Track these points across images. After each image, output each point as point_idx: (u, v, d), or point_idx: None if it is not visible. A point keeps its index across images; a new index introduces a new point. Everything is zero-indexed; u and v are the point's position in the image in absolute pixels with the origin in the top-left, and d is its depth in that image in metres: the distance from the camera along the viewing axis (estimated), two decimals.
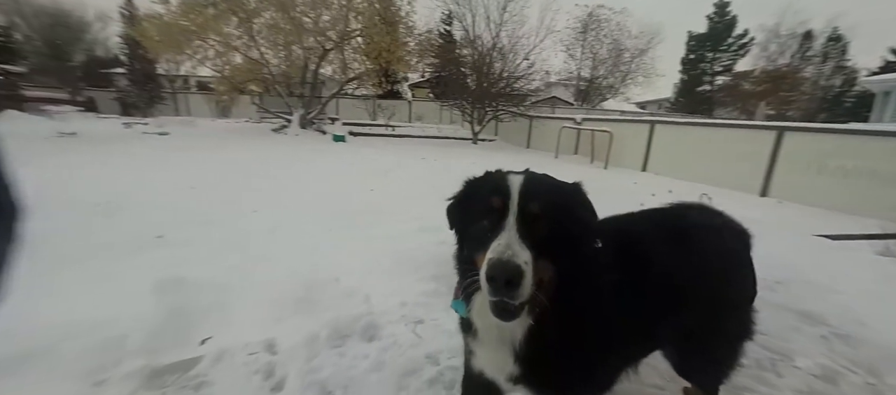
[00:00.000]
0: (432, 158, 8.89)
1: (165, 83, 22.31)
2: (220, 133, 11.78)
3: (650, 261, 1.04)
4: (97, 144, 8.41)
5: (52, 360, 1.45)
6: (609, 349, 0.98)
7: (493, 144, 14.11)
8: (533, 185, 0.84)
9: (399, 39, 13.13)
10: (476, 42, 14.36)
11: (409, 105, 22.08)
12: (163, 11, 10.74)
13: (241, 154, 7.86)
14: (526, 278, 0.70)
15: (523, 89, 14.24)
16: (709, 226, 1.25)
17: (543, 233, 0.78)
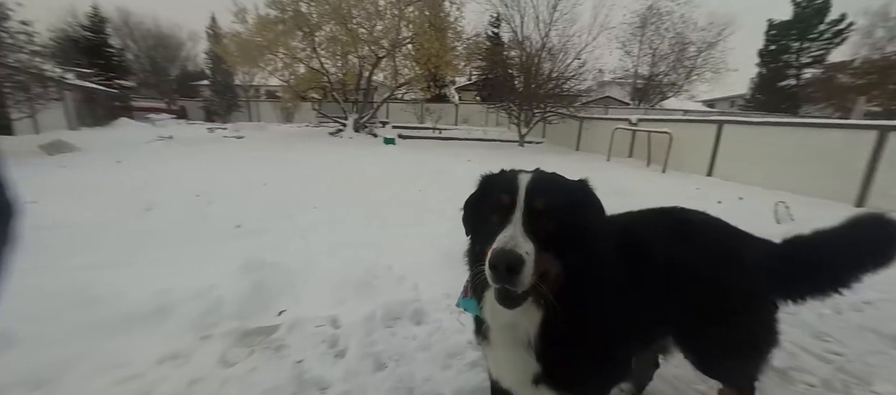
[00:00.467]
0: (477, 161, 9.00)
1: (241, 92, 25.07)
2: (285, 137, 13.00)
3: (655, 255, 1.07)
4: (189, 147, 9.78)
5: (174, 317, 1.83)
6: (620, 343, 1.01)
7: (539, 147, 13.84)
8: (540, 182, 0.89)
9: (447, 45, 13.48)
10: (524, 43, 14.22)
11: (455, 108, 22.42)
12: (241, 30, 12.19)
13: (304, 155, 8.63)
14: (526, 266, 0.74)
15: (573, 90, 13.80)
16: (709, 224, 1.24)
17: (548, 228, 0.82)
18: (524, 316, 0.89)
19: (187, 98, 27.31)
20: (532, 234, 0.79)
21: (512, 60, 15.36)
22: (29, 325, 1.67)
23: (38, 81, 10.10)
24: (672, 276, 1.06)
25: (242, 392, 1.42)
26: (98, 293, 1.96)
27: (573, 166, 8.63)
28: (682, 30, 21.22)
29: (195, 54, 30.78)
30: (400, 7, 12.48)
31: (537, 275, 0.79)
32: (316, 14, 12.36)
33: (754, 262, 1.14)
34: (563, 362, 0.93)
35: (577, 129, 13.36)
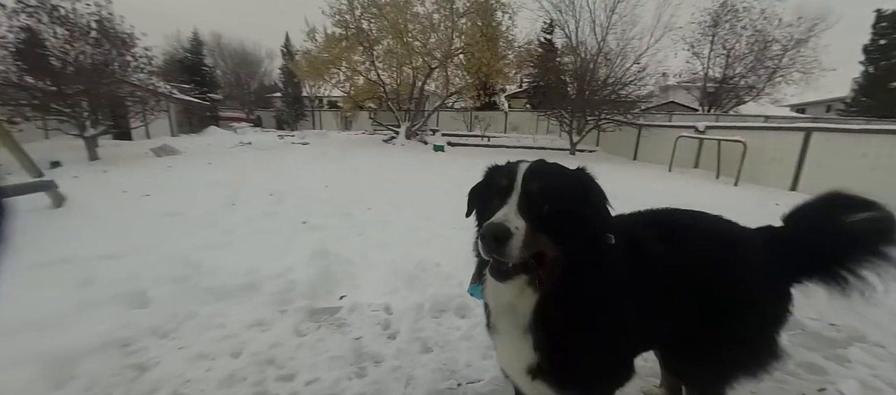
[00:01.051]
0: None
1: (307, 103, 27.51)
2: (343, 143, 14.04)
3: (659, 256, 1.05)
4: (264, 151, 11.03)
5: (259, 292, 2.19)
6: (621, 339, 1.00)
7: (593, 156, 13.29)
8: (537, 168, 0.93)
9: (498, 53, 13.61)
10: (579, 49, 13.84)
11: (505, 116, 22.35)
12: (311, 47, 13.50)
13: (360, 161, 9.28)
14: (514, 238, 0.79)
15: (631, 96, 13.08)
16: (714, 230, 1.20)
17: (543, 210, 0.85)
18: (522, 298, 0.92)
19: (262, 109, 30.65)
20: (527, 213, 0.84)
21: (565, 67, 15.00)
22: (157, 288, 2.12)
23: (152, 97, 12.13)
24: (673, 277, 1.05)
25: (312, 357, 1.67)
26: (204, 269, 2.40)
27: (629, 176, 8.20)
28: (762, 27, 18.96)
29: (271, 70, 34.48)
30: (453, 19, 12.91)
31: (532, 254, 0.83)
32: (375, 30, 13.26)
33: (757, 253, 1.12)
34: (560, 353, 0.93)
35: (634, 137, 12.63)
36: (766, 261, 1.11)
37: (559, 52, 16.32)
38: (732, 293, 1.08)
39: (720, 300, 1.07)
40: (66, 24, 9.17)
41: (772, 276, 1.11)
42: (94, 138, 10.00)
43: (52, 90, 9.26)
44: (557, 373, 0.95)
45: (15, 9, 8.71)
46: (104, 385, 1.47)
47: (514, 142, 15.25)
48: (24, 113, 9.36)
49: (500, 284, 0.88)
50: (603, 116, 12.91)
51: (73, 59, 9.32)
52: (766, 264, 1.10)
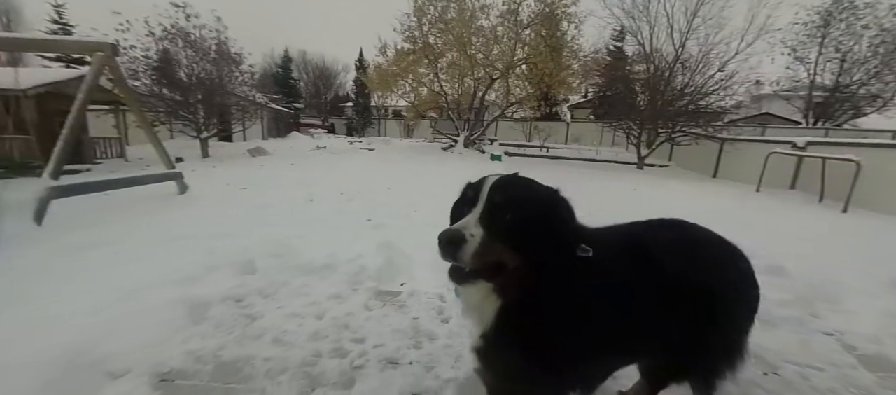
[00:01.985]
0: (584, 181, 8.66)
1: (374, 112, 29.59)
2: (405, 150, 14.87)
3: (648, 270, 1.04)
4: (337, 155, 12.19)
5: (336, 272, 2.58)
6: (582, 357, 0.98)
7: (664, 171, 12.29)
8: (504, 181, 0.97)
9: (562, 63, 13.37)
10: (653, 56, 12.99)
11: (566, 126, 21.66)
12: (382, 61, 14.63)
13: (420, 166, 9.81)
14: (468, 243, 0.83)
15: (714, 106, 11.87)
16: (710, 239, 1.24)
17: (504, 219, 0.88)
18: (486, 302, 0.96)
19: (335, 117, 33.68)
20: (487, 222, 0.87)
21: (635, 75, 14.15)
22: (261, 261, 2.62)
23: (252, 106, 14.21)
24: (673, 290, 1.04)
25: (378, 328, 1.96)
26: (293, 250, 2.88)
27: (706, 194, 7.48)
28: (892, 25, 15.81)
29: (346, 82, 37.86)
30: (516, 31, 13.04)
31: (490, 261, 0.87)
32: (441, 43, 13.93)
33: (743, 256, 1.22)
34: (508, 350, 0.95)
35: (715, 151, 11.42)
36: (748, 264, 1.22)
37: (629, 60, 15.45)
38: (730, 298, 1.15)
39: (718, 305, 1.11)
40: (195, 47, 11.24)
41: (753, 276, 1.22)
42: (207, 140, 12.03)
43: (180, 100, 11.37)
44: (497, 370, 0.99)
45: (161, 36, 10.95)
46: (227, 326, 1.92)
47: (575, 153, 14.74)
48: (160, 118, 11.65)
49: (458, 286, 0.92)
50: (678, 128, 11.91)
51: (196, 75, 11.38)
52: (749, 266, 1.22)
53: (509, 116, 17.36)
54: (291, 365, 1.64)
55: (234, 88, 12.80)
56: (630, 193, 7.50)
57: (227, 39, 11.93)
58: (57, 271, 2.52)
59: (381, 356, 1.74)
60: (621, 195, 7.05)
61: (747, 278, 1.21)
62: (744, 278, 1.20)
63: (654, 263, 1.05)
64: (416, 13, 13.36)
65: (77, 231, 3.59)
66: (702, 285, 1.07)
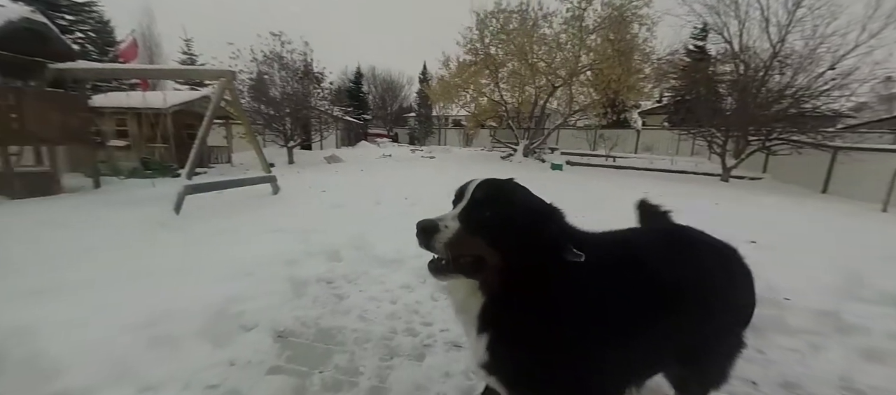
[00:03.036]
0: (656, 194, 8.06)
1: (435, 122, 30.73)
2: (465, 158, 15.25)
3: (644, 275, 1.00)
4: (400, 163, 13.00)
5: (405, 265, 2.90)
6: (581, 357, 0.94)
7: (758, 184, 10.83)
8: (489, 183, 0.99)
9: (632, 68, 12.64)
10: (742, 54, 11.61)
11: (636, 134, 20.22)
12: (444, 73, 15.29)
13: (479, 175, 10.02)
14: (440, 234, 0.87)
15: (823, 109, 10.16)
16: (705, 242, 1.22)
17: (483, 215, 0.90)
18: (472, 299, 0.96)
19: (399, 127, 35.65)
20: (466, 218, 0.91)
21: (720, 77, 12.74)
22: (345, 252, 3.06)
23: (330, 118, 15.87)
24: (662, 296, 1.00)
25: (444, 315, 2.20)
26: (369, 244, 3.28)
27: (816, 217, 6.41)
28: None
29: (410, 94, 39.91)
30: (581, 37, 12.69)
31: (466, 256, 0.89)
32: (502, 53, 14.13)
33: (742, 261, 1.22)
34: (510, 358, 0.95)
35: (825, 162, 9.78)
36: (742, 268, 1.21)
37: (713, 60, 13.97)
38: (715, 305, 1.12)
39: (701, 311, 1.07)
40: (287, 68, 12.99)
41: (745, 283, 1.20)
42: (292, 148, 13.71)
43: (273, 114, 13.16)
44: (505, 375, 0.98)
45: (261, 60, 12.87)
46: (322, 301, 2.32)
47: (646, 163, 13.70)
48: (257, 130, 13.61)
49: (434, 278, 0.94)
50: (775, 135, 10.43)
51: (287, 93, 13.10)
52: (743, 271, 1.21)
53: (572, 125, 16.79)
54: (374, 337, 1.95)
55: (316, 103, 14.45)
56: (711, 208, 6.77)
57: (312, 61, 13.59)
58: (200, 249, 3.24)
59: (446, 338, 1.97)
60: (700, 211, 6.35)
61: (736, 283, 1.17)
62: (733, 284, 1.16)
63: (642, 266, 1.02)
64: (478, 26, 13.77)
65: (205, 220, 4.49)
66: (686, 290, 1.03)
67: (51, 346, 1.46)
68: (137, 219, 4.50)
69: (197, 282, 2.39)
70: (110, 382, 1.44)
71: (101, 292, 2.31)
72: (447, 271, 0.91)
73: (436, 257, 0.91)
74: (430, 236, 0.88)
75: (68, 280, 2.41)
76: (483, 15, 13.56)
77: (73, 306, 2.02)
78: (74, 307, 2.00)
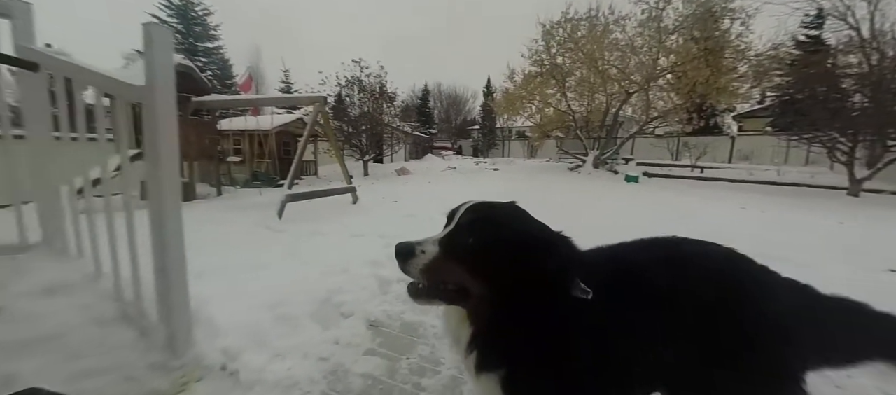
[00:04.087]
0: (755, 207, 7.05)
1: (498, 134, 30.80)
2: (529, 170, 15.04)
3: (642, 296, 0.89)
4: (465, 174, 13.35)
5: None
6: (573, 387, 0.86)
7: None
8: (479, 207, 0.93)
9: (723, 67, 11.32)
10: (875, 41, 9.62)
11: (731, 141, 17.82)
12: (510, 86, 15.39)
13: (544, 186, 9.85)
14: (416, 258, 0.84)
15: None
16: (707, 254, 1.01)
17: (465, 244, 0.85)
18: (462, 328, 0.92)
19: (463, 139, 36.46)
20: (447, 244, 0.87)
21: (844, 71, 10.66)
22: None
23: (401, 134, 17.04)
24: (661, 320, 0.88)
25: None
26: None
27: None
28: None
29: (473, 107, 40.74)
30: (659, 38, 11.79)
31: (451, 285, 0.86)
32: (569, 62, 13.76)
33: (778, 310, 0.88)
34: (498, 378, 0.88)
35: None
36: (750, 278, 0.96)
37: (833, 50, 11.78)
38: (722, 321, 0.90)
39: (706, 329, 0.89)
40: (364, 90, 14.38)
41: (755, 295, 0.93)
42: (367, 162, 14.98)
43: (350, 131, 14.58)
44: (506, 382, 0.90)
45: (344, 84, 14.45)
46: (403, 299, 2.59)
47: (745, 175, 11.97)
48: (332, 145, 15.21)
49: (413, 302, 0.92)
50: None
51: (363, 112, 14.46)
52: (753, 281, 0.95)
53: (649, 133, 15.49)
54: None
55: (389, 120, 15.67)
56: (833, 228, 5.64)
57: (387, 83, 14.83)
58: (300, 247, 3.82)
59: None
60: (816, 230, 5.31)
61: (740, 294, 0.91)
62: (737, 296, 0.90)
63: (641, 284, 0.92)
64: (544, 37, 13.65)
65: (300, 224, 5.22)
66: (688, 305, 0.89)
67: (215, 314, 1.93)
68: (251, 220, 5.44)
69: (304, 275, 2.86)
70: (252, 347, 1.84)
71: (234, 275, 2.89)
72: (424, 295, 0.88)
73: (412, 283, 0.89)
74: (405, 261, 0.85)
75: (210, 265, 3.07)
76: (549, 26, 13.43)
77: (218, 286, 2.58)
78: (219, 287, 2.56)
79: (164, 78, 1.15)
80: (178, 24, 22.24)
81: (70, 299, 1.50)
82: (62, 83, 1.53)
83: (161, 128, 1.17)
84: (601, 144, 14.04)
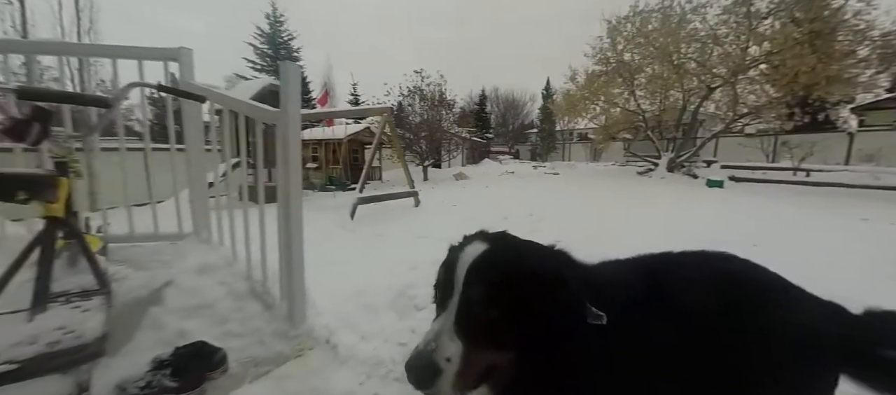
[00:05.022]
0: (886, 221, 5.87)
1: (559, 137, 29.73)
2: (593, 174, 14.29)
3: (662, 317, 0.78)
4: (523, 179, 13.17)
5: None
6: None
7: None
8: (486, 261, 0.72)
9: (835, 52, 9.63)
10: None
11: (848, 139, 14.99)
12: (571, 87, 14.85)
13: (611, 192, 9.30)
14: (444, 373, 0.63)
15: None
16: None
17: (491, 322, 0.68)
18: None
19: (520, 143, 35.86)
20: (467, 330, 0.68)
21: None
22: None
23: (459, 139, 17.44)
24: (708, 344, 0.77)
25: None
26: None
27: None
28: None
29: (532, 110, 39.90)
30: (749, 24, 10.44)
31: (475, 376, 0.69)
32: (639, 58, 12.83)
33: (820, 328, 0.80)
34: None
35: None
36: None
37: None
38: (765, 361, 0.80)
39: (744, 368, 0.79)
40: (424, 98, 15.03)
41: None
42: (426, 167, 15.57)
43: (410, 138, 15.30)
44: None
45: (405, 94, 15.27)
46: None
47: (870, 179, 9.97)
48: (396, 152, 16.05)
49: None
50: None
51: (423, 119, 15.10)
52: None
53: (736, 131, 13.72)
54: None
55: (448, 126, 16.15)
56: None
57: (446, 91, 15.34)
58: (371, 245, 4.22)
59: None
60: None
61: (793, 341, 0.78)
62: (792, 343, 0.77)
63: (672, 307, 0.80)
64: (609, 34, 12.95)
65: (369, 225, 5.70)
66: (729, 339, 0.78)
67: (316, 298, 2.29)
68: (329, 220, 6.07)
69: (378, 270, 3.17)
70: (344, 328, 2.14)
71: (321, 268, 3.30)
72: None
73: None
74: (430, 386, 0.65)
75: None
76: (615, 21, 12.70)
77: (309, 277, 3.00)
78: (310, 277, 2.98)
79: (294, 105, 1.46)
80: (267, 49, 25.52)
81: (215, 277, 1.92)
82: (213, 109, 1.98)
83: (290, 144, 1.48)
84: (676, 146, 12.81)
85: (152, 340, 1.57)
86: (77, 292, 1.25)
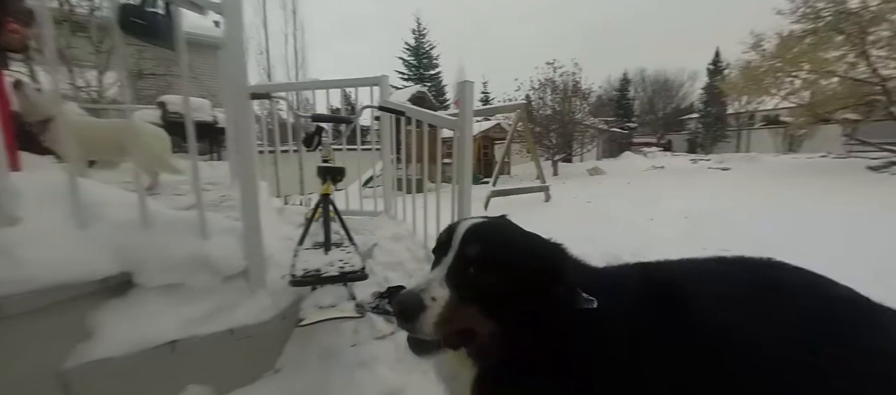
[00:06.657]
0: None
1: (731, 122, 23.74)
2: (786, 170, 10.99)
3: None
4: (676, 175, 11.28)
5: None
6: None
7: None
8: (483, 228, 0.79)
9: None
10: None
11: None
12: (754, 57, 11.69)
13: (818, 195, 7.06)
14: (427, 311, 0.69)
15: None
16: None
17: (481, 282, 0.72)
18: (463, 369, 0.80)
19: (673, 132, 30.20)
20: (457, 283, 0.73)
21: None
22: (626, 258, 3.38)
23: (593, 131, 16.17)
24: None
25: None
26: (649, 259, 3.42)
27: None
28: None
29: (690, 92, 33.03)
30: None
31: (456, 328, 0.72)
32: (877, 3, 9.08)
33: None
34: None
35: None
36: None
37: None
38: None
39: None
40: (556, 90, 14.51)
41: None
42: (557, 161, 15.07)
43: (539, 131, 15.01)
44: None
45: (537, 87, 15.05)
46: None
47: None
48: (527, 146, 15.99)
49: (418, 357, 0.77)
50: None
51: (555, 111, 14.61)
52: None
53: None
54: None
55: (581, 118, 15.18)
56: None
57: (580, 80, 14.41)
58: None
59: None
60: None
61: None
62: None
63: (686, 313, 0.72)
64: None
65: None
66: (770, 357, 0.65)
67: None
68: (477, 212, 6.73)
69: None
70: None
71: None
72: (432, 349, 0.76)
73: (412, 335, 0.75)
74: (414, 318, 0.70)
75: None
76: None
77: None
78: None
79: (470, 115, 1.90)
80: (412, 59, 29.23)
81: (403, 244, 2.60)
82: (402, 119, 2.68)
83: (465, 145, 1.94)
84: None
85: (369, 281, 2.31)
86: (338, 243, 2.01)
